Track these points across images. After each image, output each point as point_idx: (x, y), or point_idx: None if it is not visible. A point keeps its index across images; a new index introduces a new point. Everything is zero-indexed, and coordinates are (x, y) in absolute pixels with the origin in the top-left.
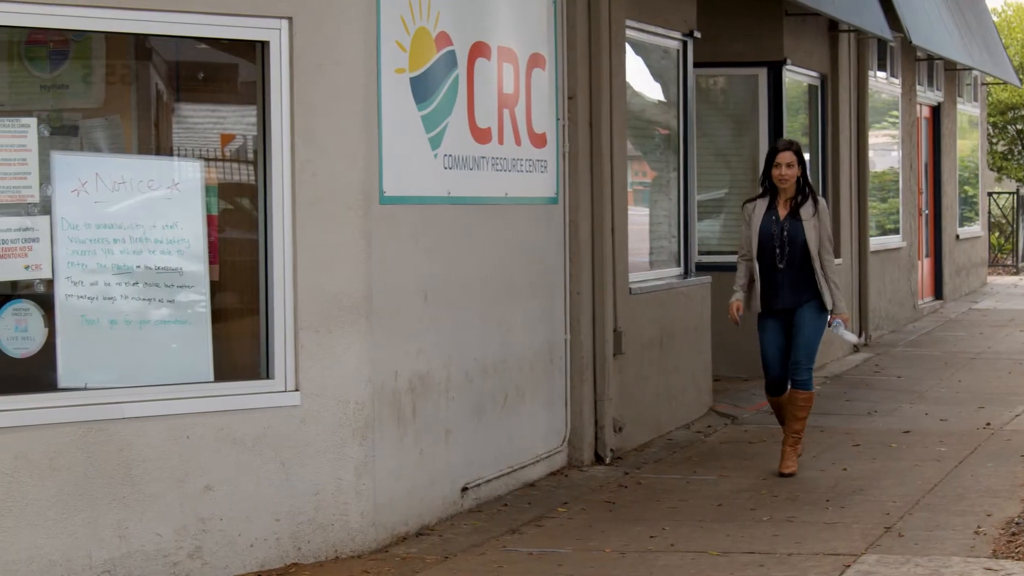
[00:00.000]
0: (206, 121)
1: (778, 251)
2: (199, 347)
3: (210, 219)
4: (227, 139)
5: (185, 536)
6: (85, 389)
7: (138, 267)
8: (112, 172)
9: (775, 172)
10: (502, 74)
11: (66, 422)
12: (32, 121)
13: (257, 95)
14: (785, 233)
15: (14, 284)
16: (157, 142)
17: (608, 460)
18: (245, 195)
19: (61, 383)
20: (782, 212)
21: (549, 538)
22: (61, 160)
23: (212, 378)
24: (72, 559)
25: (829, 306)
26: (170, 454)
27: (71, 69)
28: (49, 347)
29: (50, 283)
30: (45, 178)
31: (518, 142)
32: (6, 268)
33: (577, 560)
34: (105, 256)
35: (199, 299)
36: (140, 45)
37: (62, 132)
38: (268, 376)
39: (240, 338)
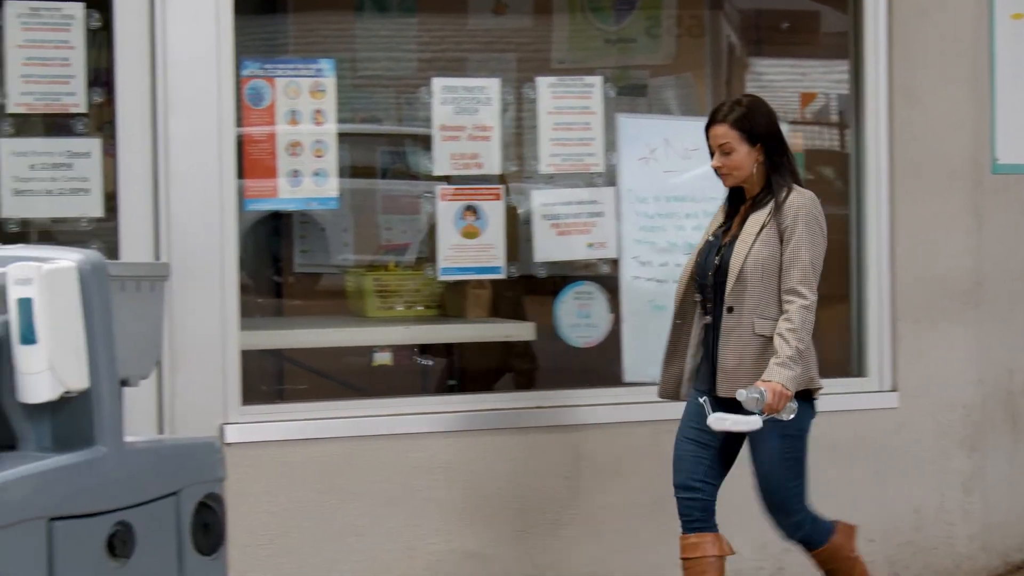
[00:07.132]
0: (782, 78)
1: (699, 294)
2: None
3: None
4: (807, 99)
5: (765, 556)
6: (653, 384)
7: None
8: (684, 138)
9: (713, 162)
10: None
11: (633, 421)
12: (597, 80)
13: (849, 48)
14: (718, 261)
15: (571, 264)
16: None
17: None
18: (829, 163)
19: (626, 377)
20: (735, 227)
21: None
22: (628, 124)
23: None
24: None
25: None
26: None
27: (637, 20)
28: (613, 336)
29: (614, 263)
30: (609, 144)
31: None
32: (567, 246)
33: None
34: (676, 233)
35: None
36: None
37: (629, 92)
38: (860, 374)
39: (827, 329)
